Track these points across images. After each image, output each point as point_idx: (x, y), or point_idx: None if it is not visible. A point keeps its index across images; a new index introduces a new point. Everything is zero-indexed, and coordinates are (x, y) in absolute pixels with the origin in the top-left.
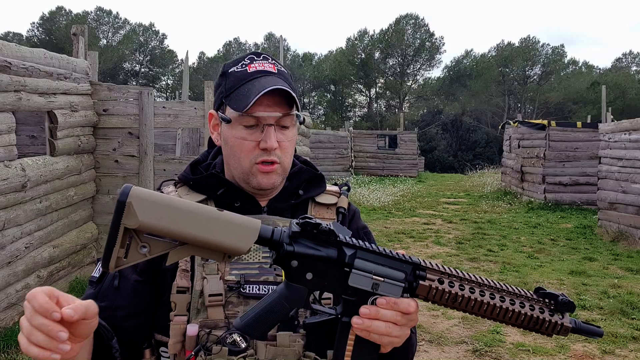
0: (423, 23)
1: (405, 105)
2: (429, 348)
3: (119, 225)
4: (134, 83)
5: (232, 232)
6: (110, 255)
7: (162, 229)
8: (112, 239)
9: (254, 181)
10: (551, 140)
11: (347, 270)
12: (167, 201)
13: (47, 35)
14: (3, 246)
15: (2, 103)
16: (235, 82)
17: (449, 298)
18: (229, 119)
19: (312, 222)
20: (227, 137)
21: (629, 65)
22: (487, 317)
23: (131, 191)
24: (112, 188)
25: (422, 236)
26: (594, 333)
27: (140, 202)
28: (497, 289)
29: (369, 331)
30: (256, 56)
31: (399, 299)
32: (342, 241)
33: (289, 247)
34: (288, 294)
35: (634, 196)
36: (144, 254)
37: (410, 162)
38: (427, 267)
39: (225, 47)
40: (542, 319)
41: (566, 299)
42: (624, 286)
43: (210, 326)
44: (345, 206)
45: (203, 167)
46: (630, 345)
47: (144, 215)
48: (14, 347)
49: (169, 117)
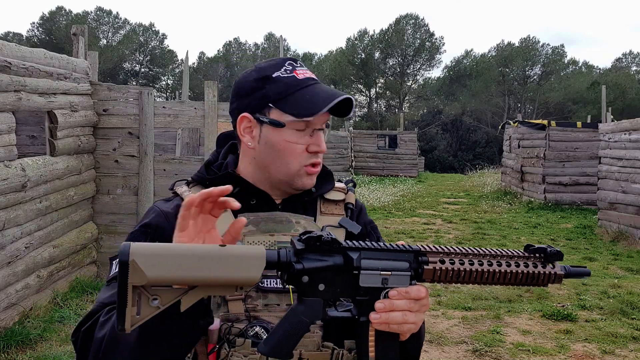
0: (423, 23)
1: (405, 105)
2: (429, 348)
3: (127, 285)
4: (134, 83)
5: (239, 266)
6: (124, 316)
7: (169, 279)
8: (122, 299)
9: (299, 182)
10: (551, 140)
11: (356, 272)
12: (169, 250)
13: (47, 35)
14: (3, 246)
15: (2, 103)
16: (287, 87)
17: (453, 275)
18: (282, 123)
19: (314, 235)
20: (275, 141)
21: (629, 65)
22: (489, 283)
23: (131, 249)
24: (112, 188)
25: (422, 236)
26: (582, 273)
27: (143, 258)
28: (492, 255)
29: (388, 323)
30: (294, 62)
31: (408, 287)
32: (346, 246)
33: (299, 266)
34: (304, 309)
35: (634, 196)
36: (156, 306)
37: (410, 162)
38: (427, 252)
39: (225, 47)
40: (538, 273)
41: (554, 249)
42: (624, 286)
43: (231, 320)
44: (353, 202)
45: (215, 167)
46: (630, 345)
47: (150, 271)
48: (14, 347)
49: (169, 117)
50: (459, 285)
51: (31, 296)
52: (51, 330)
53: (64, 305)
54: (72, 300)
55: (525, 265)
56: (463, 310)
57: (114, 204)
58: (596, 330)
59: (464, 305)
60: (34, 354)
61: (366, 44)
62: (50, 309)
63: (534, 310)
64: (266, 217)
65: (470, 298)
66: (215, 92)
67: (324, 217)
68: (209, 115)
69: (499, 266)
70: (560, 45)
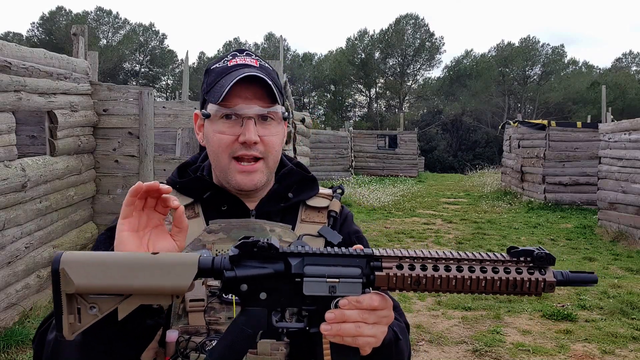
0: (423, 23)
1: (405, 105)
2: (429, 348)
3: (60, 293)
4: (134, 83)
5: (170, 273)
6: (62, 323)
7: (100, 288)
8: (58, 307)
9: (232, 181)
10: (551, 140)
11: (298, 280)
12: (100, 258)
13: (47, 35)
14: (3, 246)
15: (2, 103)
16: (216, 76)
17: (412, 282)
18: (208, 113)
19: (250, 241)
20: (208, 133)
21: (629, 65)
22: (461, 291)
23: (62, 257)
24: (112, 188)
25: (422, 236)
26: (587, 280)
27: (71, 266)
28: (465, 259)
29: (340, 335)
30: (239, 52)
31: (360, 296)
32: (287, 252)
33: (230, 273)
34: (247, 319)
35: (634, 196)
36: (94, 314)
37: (410, 162)
38: (381, 256)
39: (225, 47)
40: (521, 280)
41: (543, 252)
42: (624, 286)
43: (190, 332)
44: (337, 210)
45: (192, 169)
46: (630, 345)
47: (78, 279)
48: (14, 347)
49: (169, 117)
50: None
51: (31, 296)
52: None
53: None
54: None
55: (506, 271)
56: (463, 310)
57: (114, 204)
58: (596, 330)
59: (464, 305)
60: None
61: (366, 44)
62: (50, 309)
63: (534, 310)
64: (238, 224)
65: (470, 298)
66: None
67: (304, 224)
68: None
69: (471, 272)
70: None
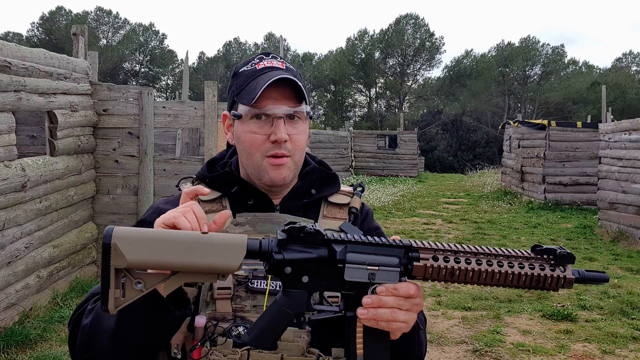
0: (423, 23)
1: (405, 105)
2: (429, 348)
3: (109, 268)
4: (134, 83)
5: (220, 253)
6: (107, 297)
7: (150, 263)
8: (105, 281)
9: (265, 177)
10: (551, 140)
11: (340, 266)
12: (151, 235)
13: (47, 35)
14: (3, 246)
15: (2, 103)
16: (245, 79)
17: (447, 273)
18: (240, 114)
19: (297, 226)
20: (239, 133)
21: (629, 65)
22: (489, 284)
23: (114, 232)
24: (112, 188)
25: (422, 236)
26: (600, 279)
27: (124, 241)
28: (493, 254)
29: (376, 319)
30: (265, 55)
31: (397, 284)
32: (331, 239)
33: (278, 256)
34: (288, 300)
35: (634, 196)
36: (139, 289)
37: (410, 162)
38: (419, 248)
39: (225, 47)
40: (544, 276)
41: (565, 251)
42: (624, 286)
43: (217, 318)
44: (357, 206)
45: (220, 165)
46: (630, 345)
47: (130, 254)
48: (14, 347)
49: (169, 117)
50: (458, 285)
51: (31, 296)
52: (51, 330)
53: (64, 305)
54: (72, 300)
55: (530, 267)
56: (463, 310)
57: (114, 204)
58: (596, 330)
59: (464, 305)
60: (34, 354)
61: (366, 44)
62: (50, 309)
63: (534, 310)
64: (264, 218)
65: (470, 298)
66: (215, 92)
67: (326, 220)
68: (209, 115)
69: (500, 266)
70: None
